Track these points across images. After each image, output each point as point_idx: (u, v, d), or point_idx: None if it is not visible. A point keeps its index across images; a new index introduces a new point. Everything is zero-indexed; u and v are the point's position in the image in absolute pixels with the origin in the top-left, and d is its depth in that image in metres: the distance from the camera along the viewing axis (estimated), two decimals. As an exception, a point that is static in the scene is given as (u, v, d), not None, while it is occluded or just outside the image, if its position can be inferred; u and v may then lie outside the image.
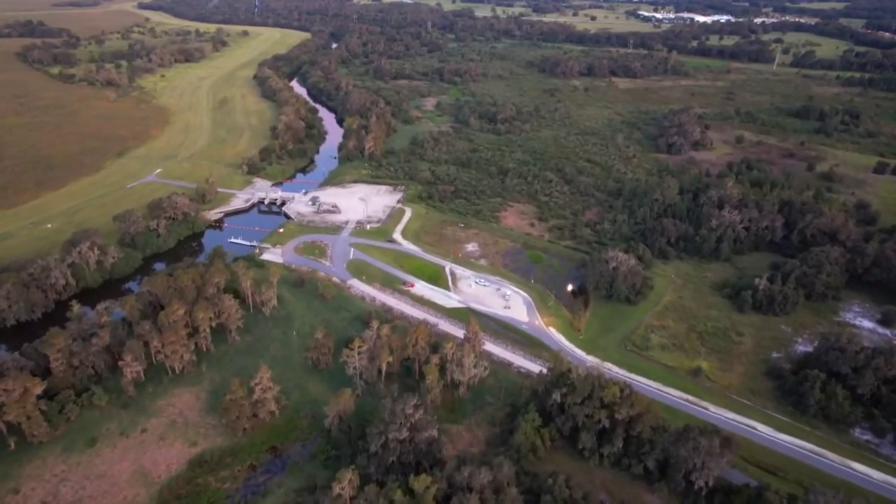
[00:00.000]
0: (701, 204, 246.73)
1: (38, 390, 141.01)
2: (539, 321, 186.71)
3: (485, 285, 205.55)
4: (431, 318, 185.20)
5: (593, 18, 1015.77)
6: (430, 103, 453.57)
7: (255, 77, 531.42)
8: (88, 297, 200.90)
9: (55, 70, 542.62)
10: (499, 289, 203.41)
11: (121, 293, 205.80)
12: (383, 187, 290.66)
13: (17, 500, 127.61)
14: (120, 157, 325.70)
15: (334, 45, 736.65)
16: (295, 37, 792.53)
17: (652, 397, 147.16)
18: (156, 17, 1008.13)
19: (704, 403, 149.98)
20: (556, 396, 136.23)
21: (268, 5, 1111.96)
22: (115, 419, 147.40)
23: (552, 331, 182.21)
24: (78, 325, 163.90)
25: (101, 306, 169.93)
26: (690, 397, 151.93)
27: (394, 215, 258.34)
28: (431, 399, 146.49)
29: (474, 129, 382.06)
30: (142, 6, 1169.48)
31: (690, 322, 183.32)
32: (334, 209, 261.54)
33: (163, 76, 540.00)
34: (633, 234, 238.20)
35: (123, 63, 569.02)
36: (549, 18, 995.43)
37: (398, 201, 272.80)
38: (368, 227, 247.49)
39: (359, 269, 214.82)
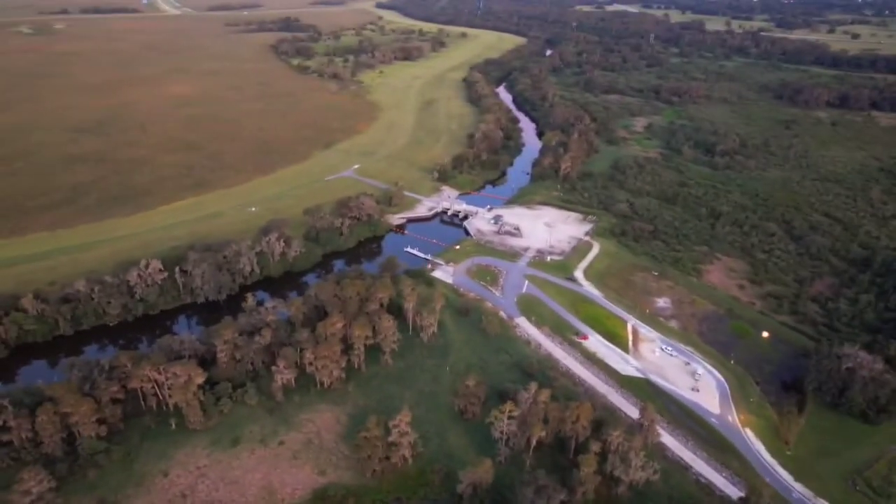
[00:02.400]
0: None
1: (200, 380, 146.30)
2: (734, 417, 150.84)
3: (672, 354, 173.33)
4: (601, 386, 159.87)
5: (855, 36, 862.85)
6: (640, 124, 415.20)
7: (464, 80, 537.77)
8: (269, 285, 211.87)
9: (295, 62, 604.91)
10: (688, 363, 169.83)
11: (298, 287, 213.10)
12: (573, 214, 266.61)
13: (164, 485, 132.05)
14: (326, 148, 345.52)
15: (548, 52, 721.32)
16: (510, 41, 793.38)
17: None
18: (389, 15, 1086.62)
19: None
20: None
21: (490, 8, 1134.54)
22: (259, 422, 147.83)
23: (749, 433, 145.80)
24: (247, 318, 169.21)
25: (269, 304, 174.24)
26: None
27: (579, 249, 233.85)
28: (583, 493, 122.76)
29: (686, 158, 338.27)
30: (379, 5, 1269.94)
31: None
32: (516, 232, 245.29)
33: (381, 72, 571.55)
34: (881, 325, 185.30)
35: (350, 58, 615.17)
36: (796, 35, 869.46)
37: (586, 233, 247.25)
38: (549, 258, 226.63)
39: (529, 307, 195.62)
